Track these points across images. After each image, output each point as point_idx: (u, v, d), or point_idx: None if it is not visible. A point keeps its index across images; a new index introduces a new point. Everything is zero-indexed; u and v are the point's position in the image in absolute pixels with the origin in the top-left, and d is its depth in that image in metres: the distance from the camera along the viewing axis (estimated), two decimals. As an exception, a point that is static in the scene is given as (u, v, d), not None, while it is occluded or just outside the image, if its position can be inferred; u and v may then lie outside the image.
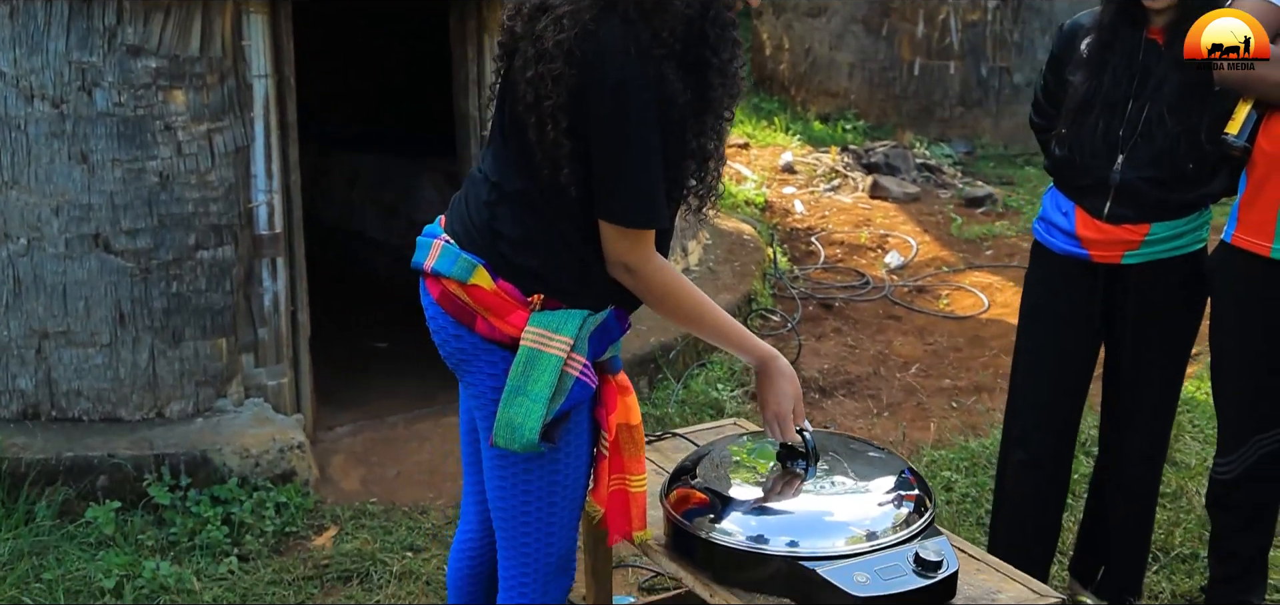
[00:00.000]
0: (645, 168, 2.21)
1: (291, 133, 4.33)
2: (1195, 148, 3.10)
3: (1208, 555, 3.39)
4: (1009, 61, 9.94)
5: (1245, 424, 3.12)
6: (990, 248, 7.32)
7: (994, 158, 9.66)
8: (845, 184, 8.72)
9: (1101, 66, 3.20)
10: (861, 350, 5.75)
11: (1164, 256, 3.20)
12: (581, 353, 2.29)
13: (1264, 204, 2.94)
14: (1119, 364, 3.37)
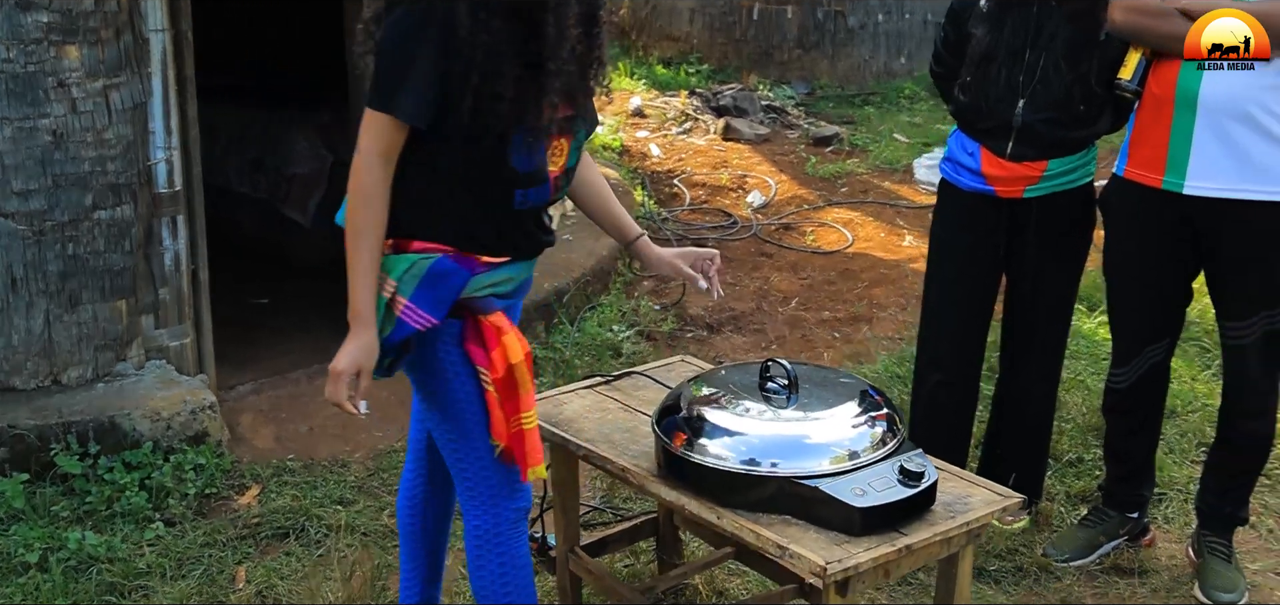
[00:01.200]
0: (399, 60, 2.39)
1: (189, 88, 4.23)
2: (1086, 91, 3.39)
3: (1103, 457, 3.70)
4: (843, 5, 10.30)
5: (1138, 337, 3.42)
6: (844, 185, 7.63)
7: (833, 98, 10.01)
8: (697, 127, 8.91)
9: (1001, 21, 3.45)
10: (742, 287, 5.96)
11: (1060, 189, 3.49)
12: (404, 294, 2.46)
13: (1153, 141, 3.20)
14: (1020, 289, 3.64)
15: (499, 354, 2.52)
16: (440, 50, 2.39)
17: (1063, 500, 3.86)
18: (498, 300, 2.59)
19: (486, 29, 2.40)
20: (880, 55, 10.39)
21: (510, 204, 2.53)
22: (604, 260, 5.80)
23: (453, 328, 2.55)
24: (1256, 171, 3.06)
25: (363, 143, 2.44)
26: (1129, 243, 3.39)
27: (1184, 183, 3.14)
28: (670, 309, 5.64)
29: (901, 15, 10.43)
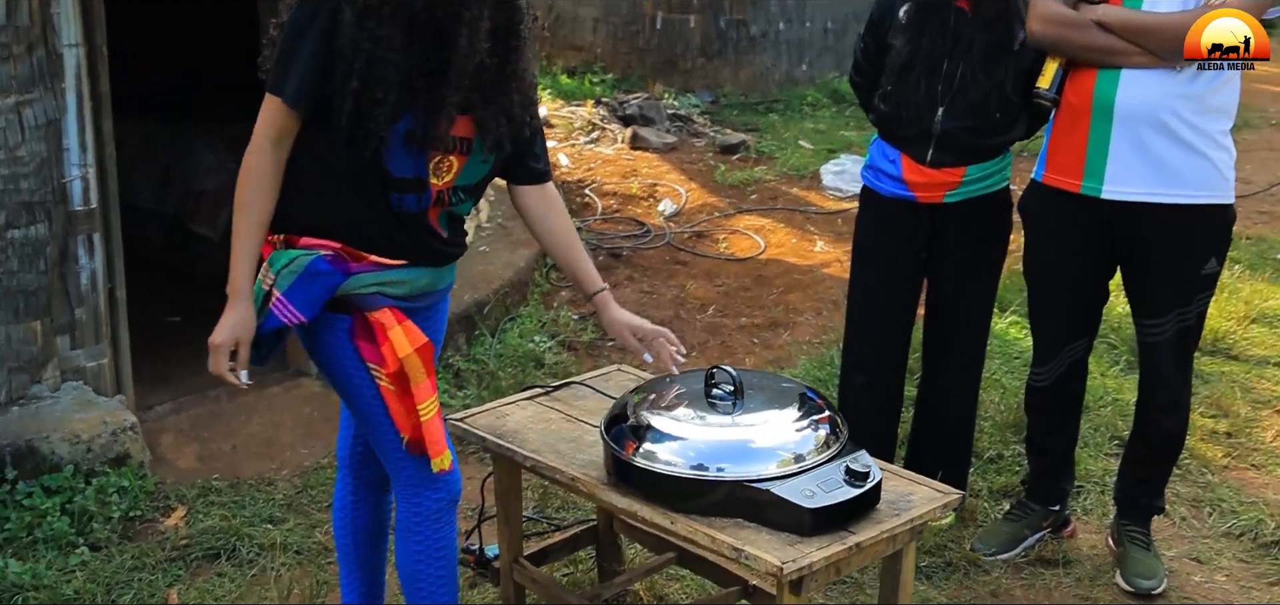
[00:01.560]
0: (289, 48, 2.49)
1: (105, 104, 4.15)
2: (1002, 99, 3.52)
3: (1026, 453, 3.82)
4: (745, 14, 10.44)
5: (1058, 337, 3.55)
6: (754, 192, 7.73)
7: (737, 106, 10.14)
8: (604, 136, 8.96)
9: (920, 32, 3.56)
10: (659, 295, 6.02)
11: (979, 194, 3.61)
12: (279, 288, 2.55)
13: (1071, 148, 3.32)
14: (941, 292, 3.75)
15: (388, 350, 2.58)
16: (325, 44, 2.47)
17: (986, 496, 3.98)
18: (386, 298, 2.63)
19: (371, 37, 2.45)
20: (782, 63, 10.55)
21: (388, 206, 2.59)
22: (522, 271, 5.81)
23: (343, 323, 2.61)
24: (1170, 176, 3.19)
25: (257, 126, 2.55)
26: (1048, 246, 3.51)
27: (1102, 187, 3.26)
28: (590, 319, 5.68)
29: (802, 23, 10.61)
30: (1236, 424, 4.54)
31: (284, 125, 2.53)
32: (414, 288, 2.71)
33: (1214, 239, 3.30)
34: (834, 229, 6.97)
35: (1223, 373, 4.96)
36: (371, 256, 2.62)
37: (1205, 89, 3.16)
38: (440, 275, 2.79)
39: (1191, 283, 3.31)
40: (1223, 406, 4.66)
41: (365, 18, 2.45)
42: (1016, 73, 3.50)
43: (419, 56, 2.49)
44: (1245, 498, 4.01)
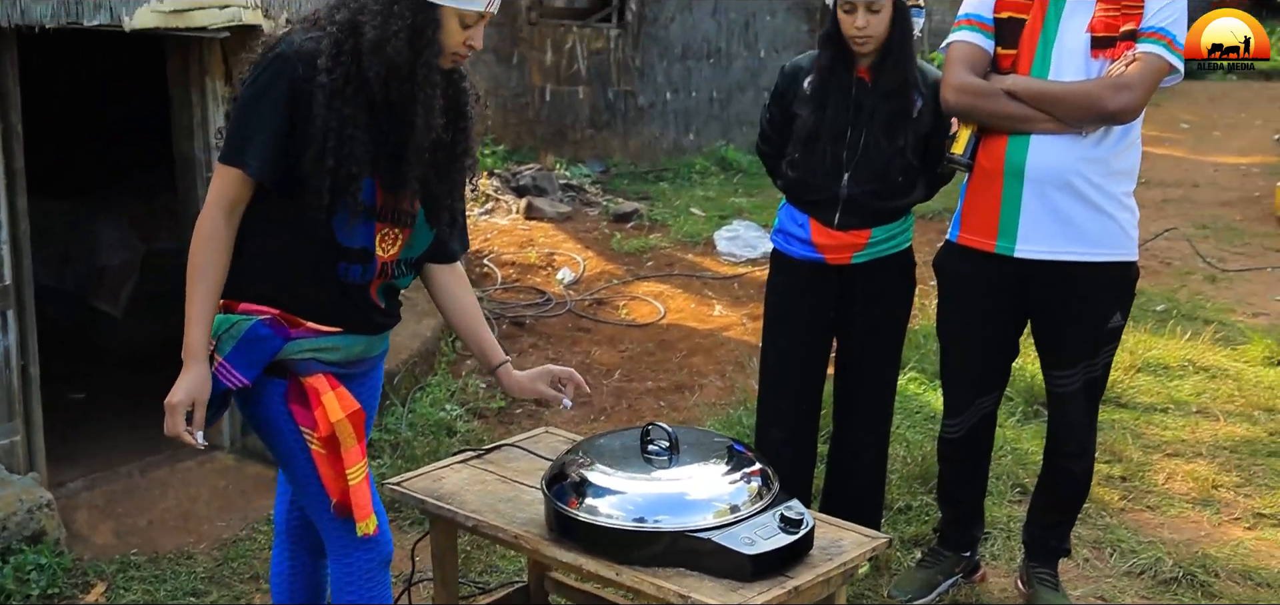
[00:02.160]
0: (249, 118, 2.58)
1: (19, 181, 4.15)
2: (904, 164, 3.73)
3: (937, 502, 4.02)
4: (633, 85, 10.69)
5: (970, 390, 3.73)
6: (650, 259, 7.92)
7: (627, 175, 10.36)
8: (499, 207, 9.08)
9: (824, 102, 3.76)
10: (563, 361, 6.12)
11: (884, 254, 3.81)
12: (222, 352, 2.64)
13: (985, 209, 3.50)
14: (850, 349, 3.94)
15: (320, 414, 2.67)
16: (284, 116, 2.56)
17: (898, 545, 4.16)
18: (321, 365, 2.72)
19: (339, 117, 2.56)
20: (670, 132, 10.82)
21: (335, 274, 2.70)
22: (428, 342, 5.88)
23: (278, 388, 2.70)
24: (1078, 235, 3.38)
25: (211, 193, 2.63)
26: (963, 303, 3.68)
27: (1015, 246, 3.44)
28: (497, 387, 5.76)
29: (689, 94, 10.90)
30: (1130, 468, 4.82)
31: (238, 194, 2.61)
32: (349, 354, 2.79)
33: (1119, 294, 3.51)
34: (731, 293, 7.18)
35: (1114, 420, 5.25)
36: (308, 324, 2.71)
37: (1109, 152, 3.36)
38: (374, 343, 2.89)
39: (1098, 336, 3.51)
40: (1116, 452, 4.93)
41: (332, 99, 2.55)
42: (915, 139, 3.72)
43: (380, 135, 2.60)
44: (1143, 538, 4.27)
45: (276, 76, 2.58)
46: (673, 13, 10.71)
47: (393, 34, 2.55)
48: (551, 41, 10.59)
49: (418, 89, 2.59)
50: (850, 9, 3.61)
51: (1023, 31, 3.43)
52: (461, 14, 2.60)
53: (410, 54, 2.57)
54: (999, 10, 3.46)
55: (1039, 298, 3.52)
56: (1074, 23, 3.37)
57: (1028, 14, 3.42)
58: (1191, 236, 8.63)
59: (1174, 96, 15.14)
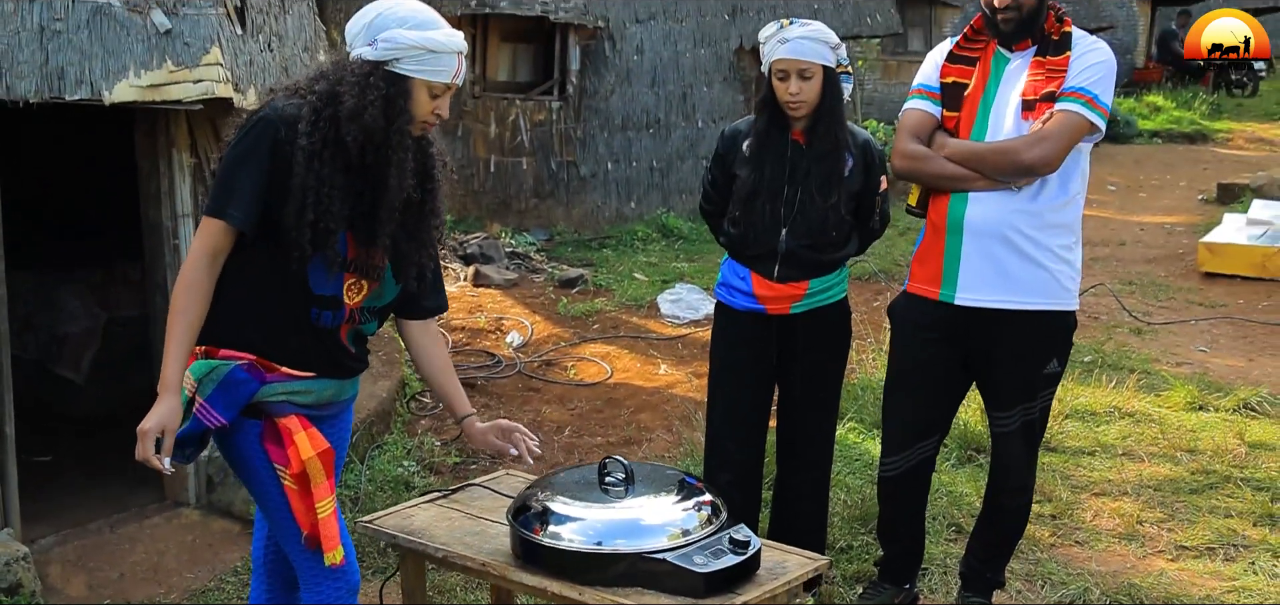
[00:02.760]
0: (232, 175, 2.82)
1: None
2: (837, 219, 4.02)
3: (878, 538, 4.27)
4: (575, 156, 11.00)
5: (911, 431, 3.97)
6: (596, 322, 8.18)
7: (571, 243, 10.63)
8: (447, 274, 9.30)
9: (762, 162, 4.05)
10: (514, 420, 6.32)
11: (821, 304, 4.09)
12: (202, 394, 2.87)
13: (931, 260, 3.77)
14: (791, 395, 4.21)
15: (293, 452, 2.92)
16: (266, 176, 2.82)
17: (840, 581, 4.41)
18: (294, 407, 2.97)
19: (317, 177, 2.82)
20: (612, 201, 11.12)
21: (308, 318, 2.95)
22: (385, 401, 6.07)
23: (254, 428, 2.95)
24: (1015, 285, 3.62)
25: (195, 243, 2.89)
26: (910, 346, 3.92)
27: (955, 294, 3.69)
28: (452, 444, 5.97)
29: (629, 163, 11.22)
30: (1059, 507, 5.11)
31: (221, 244, 2.86)
32: (320, 398, 3.03)
33: (1055, 342, 3.75)
34: (676, 353, 7.45)
35: (1044, 463, 5.53)
36: (283, 368, 2.95)
37: (1045, 206, 3.61)
38: (344, 387, 3.13)
39: (1034, 381, 3.75)
40: (1046, 492, 5.22)
41: (311, 161, 2.80)
42: (847, 196, 4.02)
43: (355, 195, 2.86)
44: (1072, 570, 4.55)
45: (260, 137, 2.84)
46: (612, 86, 11.06)
47: (368, 103, 2.82)
48: (495, 114, 10.89)
49: (391, 153, 2.85)
50: (784, 76, 3.92)
51: (965, 96, 3.72)
52: (430, 85, 2.87)
53: (384, 122, 2.83)
54: (944, 76, 3.76)
55: (979, 344, 3.75)
56: (1010, 89, 3.68)
57: (970, 80, 3.72)
58: (1118, 291, 9.02)
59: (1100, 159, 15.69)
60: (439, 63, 2.84)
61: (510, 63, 11.31)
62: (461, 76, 2.95)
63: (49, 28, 3.76)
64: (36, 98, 3.76)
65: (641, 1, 11.17)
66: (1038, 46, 3.67)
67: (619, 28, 11.03)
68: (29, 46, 3.75)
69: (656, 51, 11.21)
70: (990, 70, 3.71)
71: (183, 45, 3.85)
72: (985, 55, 3.73)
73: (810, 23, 3.99)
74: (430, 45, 2.82)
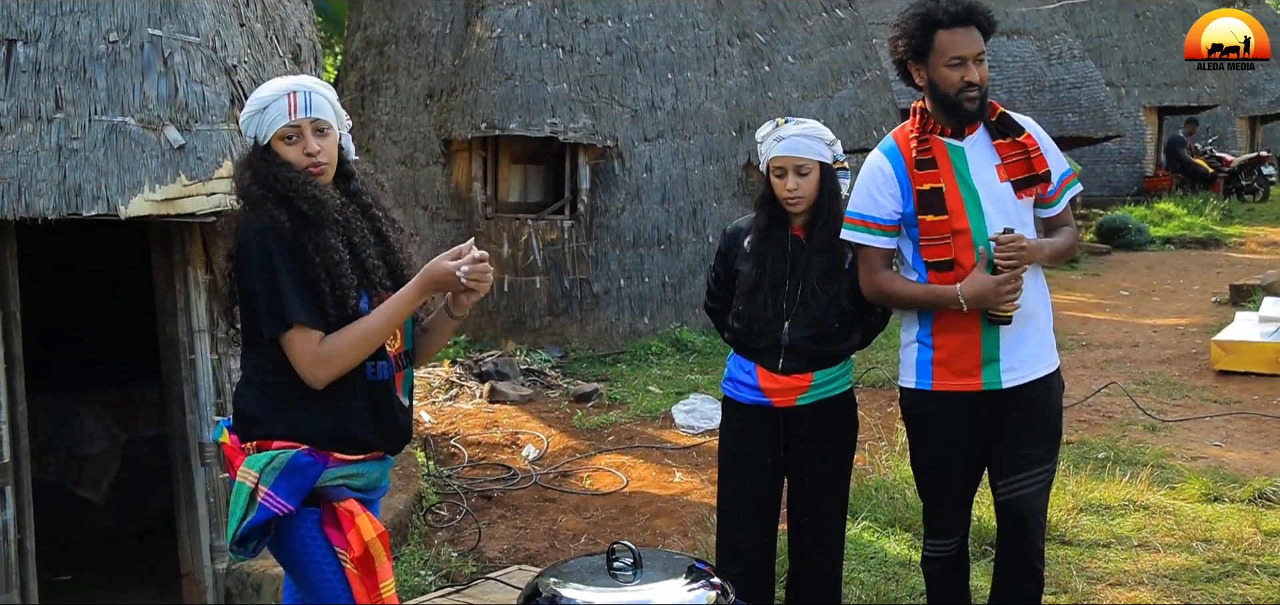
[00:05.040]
0: (275, 288, 2.94)
1: (18, 365, 4.43)
2: (840, 310, 4.09)
3: None
4: (587, 273, 11.11)
5: (957, 517, 4.03)
6: (611, 434, 8.22)
7: (586, 359, 10.70)
8: (463, 393, 9.38)
9: (763, 257, 4.15)
10: (532, 529, 6.37)
11: (827, 395, 4.14)
12: (265, 484, 2.93)
13: (966, 354, 3.79)
14: (801, 485, 4.24)
15: (354, 535, 3.00)
16: (288, 259, 2.95)
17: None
18: (350, 490, 3.06)
19: (314, 240, 2.98)
20: (626, 317, 11.21)
21: (363, 377, 3.05)
22: (401, 513, 6.11)
23: (313, 514, 3.03)
24: (1044, 351, 3.84)
25: (298, 363, 2.96)
26: (942, 442, 3.94)
27: (1001, 379, 3.77)
28: (468, 554, 5.99)
29: (642, 279, 11.34)
30: (1075, 597, 5.09)
31: (310, 338, 2.97)
32: (369, 480, 3.14)
33: (1060, 395, 3.94)
34: (691, 461, 7.48)
35: (1059, 556, 5.53)
36: (336, 454, 3.03)
37: (1036, 278, 3.83)
38: (385, 471, 3.24)
39: (1056, 433, 3.91)
40: (1062, 583, 5.20)
41: (307, 229, 2.98)
42: (848, 287, 4.10)
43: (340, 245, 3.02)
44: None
45: (262, 231, 2.98)
46: (623, 204, 11.22)
47: (255, 180, 3.02)
48: (507, 234, 11.04)
49: (307, 205, 3.00)
50: (781, 173, 4.03)
51: (947, 198, 3.78)
52: (281, 133, 3.05)
53: (279, 185, 3.01)
54: (919, 184, 3.79)
55: (1016, 416, 3.83)
56: (984, 175, 3.80)
57: (942, 183, 3.79)
58: (1132, 391, 9.01)
59: (1113, 267, 15.82)
60: (269, 115, 3.04)
61: (521, 183, 11.50)
62: (302, 111, 3.07)
63: (66, 146, 3.90)
64: (55, 214, 3.88)
65: (650, 120, 11.38)
66: (983, 129, 3.85)
67: (628, 146, 11.23)
68: (47, 165, 3.89)
69: (666, 169, 11.39)
70: (951, 162, 3.82)
71: (195, 160, 3.98)
72: (938, 151, 3.83)
73: (805, 121, 4.11)
74: (256, 106, 3.05)
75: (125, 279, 5.92)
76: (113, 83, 4.02)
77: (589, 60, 11.13)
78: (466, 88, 10.89)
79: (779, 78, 12.23)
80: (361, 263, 3.06)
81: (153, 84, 4.02)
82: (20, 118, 3.93)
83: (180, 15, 4.12)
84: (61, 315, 6.98)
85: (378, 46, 12.00)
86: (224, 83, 4.15)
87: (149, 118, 4.00)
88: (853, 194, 3.96)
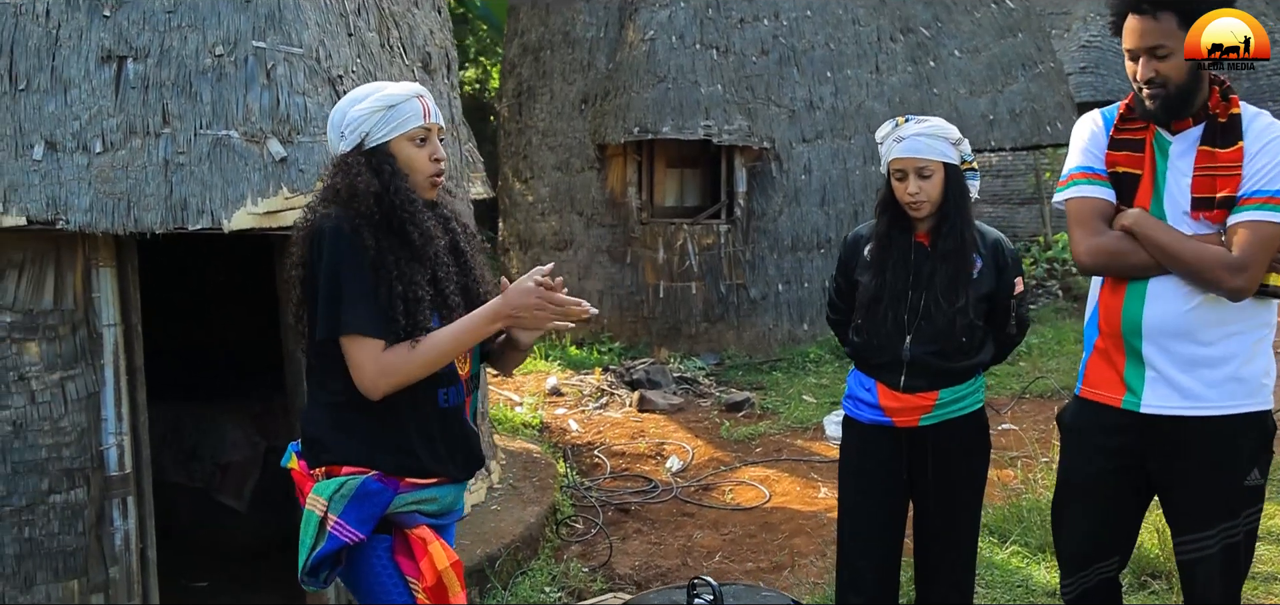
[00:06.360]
0: (338, 292, 2.79)
1: (139, 376, 4.48)
2: (966, 324, 3.79)
3: None
4: (744, 278, 10.89)
5: (1085, 551, 3.57)
6: (758, 445, 7.99)
7: (742, 366, 10.48)
8: (613, 401, 9.28)
9: (883, 267, 3.88)
10: (666, 545, 6.20)
11: (954, 416, 3.85)
12: (335, 512, 2.81)
13: (1111, 364, 3.40)
14: (927, 512, 3.95)
15: (427, 564, 2.87)
16: (364, 266, 2.82)
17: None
18: (422, 517, 2.93)
19: (390, 248, 2.85)
20: (784, 323, 10.95)
21: (436, 404, 2.92)
22: (532, 527, 6.02)
23: (384, 542, 2.90)
24: (1203, 389, 3.24)
25: (360, 375, 2.81)
26: (1083, 459, 3.54)
27: (1141, 403, 3.31)
28: (598, 570, 5.85)
29: (801, 284, 11.06)
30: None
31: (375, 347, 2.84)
32: (443, 505, 3.01)
33: (1254, 448, 3.30)
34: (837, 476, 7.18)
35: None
36: (408, 479, 2.91)
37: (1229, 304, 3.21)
38: (459, 495, 3.11)
39: (1234, 495, 3.30)
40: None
41: (378, 234, 2.85)
42: (976, 299, 3.79)
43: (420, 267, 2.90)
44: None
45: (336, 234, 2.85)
46: (780, 206, 10.96)
47: (360, 187, 2.87)
48: (663, 240, 10.91)
49: (405, 220, 2.88)
50: (901, 176, 3.76)
51: (1138, 188, 3.35)
52: (409, 137, 2.93)
53: (385, 192, 2.87)
54: (1111, 165, 3.38)
55: (1165, 457, 3.36)
56: (1178, 179, 3.30)
57: (1140, 169, 3.35)
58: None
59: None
60: (401, 113, 2.92)
61: (677, 188, 11.36)
62: (434, 116, 2.97)
63: (173, 161, 3.91)
64: (162, 228, 3.89)
65: (808, 120, 11.09)
66: (1204, 129, 3.29)
67: (785, 148, 10.97)
68: (154, 180, 3.91)
69: (825, 170, 11.08)
70: (1154, 157, 3.35)
71: (297, 172, 3.94)
72: (1148, 136, 3.36)
73: (928, 119, 3.83)
74: (385, 103, 2.91)
75: (267, 290, 6.00)
76: (217, 97, 4.02)
77: (744, 60, 10.90)
78: (619, 92, 10.80)
79: (945, 73, 11.77)
80: (444, 296, 2.94)
81: (256, 97, 4.00)
82: (129, 134, 3.96)
83: (284, 27, 4.10)
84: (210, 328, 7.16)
85: (534, 52, 12.03)
86: (327, 93, 4.11)
87: (252, 131, 3.98)
88: (1068, 154, 3.54)
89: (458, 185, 6.21)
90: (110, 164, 3.93)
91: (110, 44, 4.03)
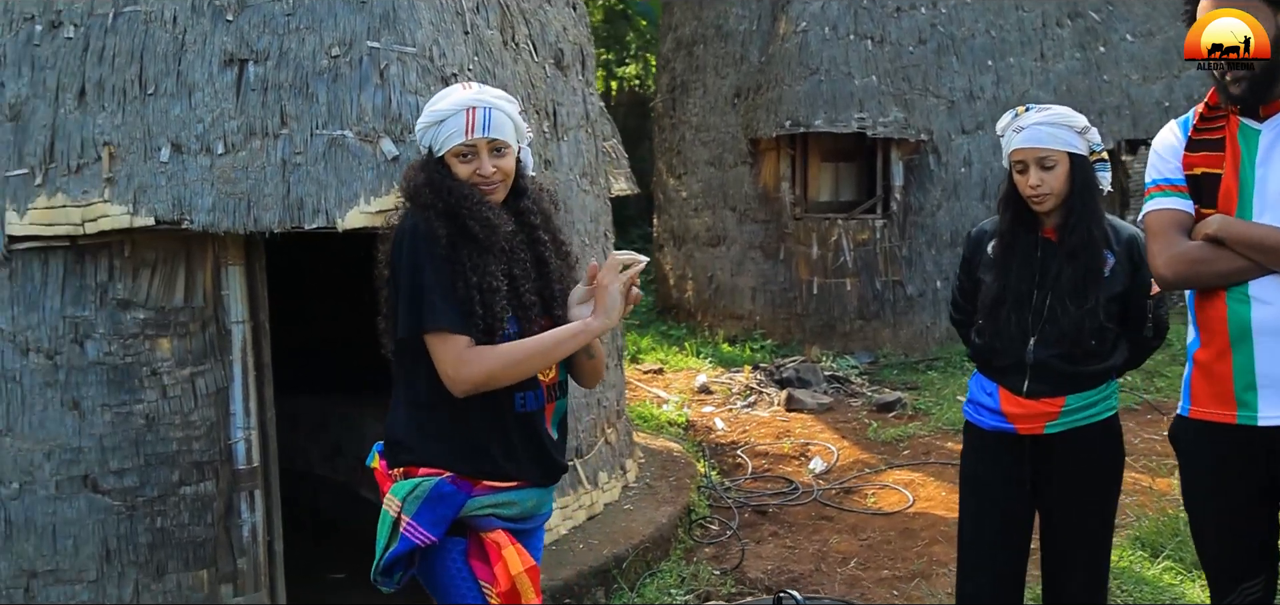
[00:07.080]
0: (419, 290, 2.78)
1: (266, 372, 4.59)
2: (1095, 326, 3.56)
3: None
4: (900, 274, 10.62)
5: (1228, 573, 3.31)
6: (907, 447, 7.76)
7: (897, 365, 10.22)
8: (761, 400, 9.15)
9: (1007, 265, 3.67)
10: (800, 550, 6.06)
11: (1082, 424, 3.62)
12: (408, 513, 2.82)
13: (1218, 377, 3.15)
14: (1052, 523, 3.74)
15: (501, 568, 2.83)
16: (441, 265, 2.81)
17: None
18: (499, 521, 2.88)
19: (475, 262, 2.82)
20: (941, 321, 10.63)
21: (512, 408, 2.88)
22: (664, 528, 5.96)
23: (458, 545, 2.87)
24: None
25: (445, 369, 2.79)
26: (1205, 480, 3.29)
27: (1258, 416, 3.07)
28: (729, 573, 5.76)
29: (959, 283, 10.72)
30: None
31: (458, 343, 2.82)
32: (523, 509, 2.96)
33: None
34: (982, 479, 6.92)
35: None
36: (485, 482, 2.88)
37: None
38: (544, 499, 3.05)
39: None
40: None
41: (459, 249, 2.83)
42: (1108, 299, 3.56)
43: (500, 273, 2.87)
44: None
45: (414, 231, 2.85)
46: (939, 200, 10.65)
47: (424, 190, 2.88)
48: (817, 235, 10.72)
49: (470, 222, 2.85)
50: (1022, 168, 3.56)
51: (1220, 188, 3.15)
52: (457, 151, 2.89)
53: (444, 198, 2.85)
54: (1190, 168, 3.20)
55: None
56: (1270, 168, 3.07)
57: (1221, 168, 3.15)
58: None
59: None
60: (445, 129, 2.90)
61: (832, 182, 11.15)
62: (479, 131, 2.89)
63: (290, 161, 3.98)
64: (280, 228, 3.97)
65: (968, 111, 10.74)
66: None
67: (943, 139, 10.64)
68: (272, 180, 3.99)
69: (985, 162, 10.71)
70: (1239, 150, 3.12)
71: (407, 171, 3.96)
72: (1230, 132, 3.14)
73: (1050, 107, 3.62)
74: (433, 118, 2.91)
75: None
76: (332, 97, 4.07)
77: (901, 50, 10.62)
78: (771, 85, 10.65)
79: (1115, 59, 11.25)
80: (518, 294, 2.90)
81: (369, 96, 4.05)
82: (249, 135, 4.05)
83: (397, 26, 4.13)
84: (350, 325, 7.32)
85: (687, 47, 11.97)
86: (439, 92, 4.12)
87: (365, 130, 4.02)
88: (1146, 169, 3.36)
89: (593, 182, 6.19)
90: (231, 165, 4.03)
91: (232, 47, 4.13)
